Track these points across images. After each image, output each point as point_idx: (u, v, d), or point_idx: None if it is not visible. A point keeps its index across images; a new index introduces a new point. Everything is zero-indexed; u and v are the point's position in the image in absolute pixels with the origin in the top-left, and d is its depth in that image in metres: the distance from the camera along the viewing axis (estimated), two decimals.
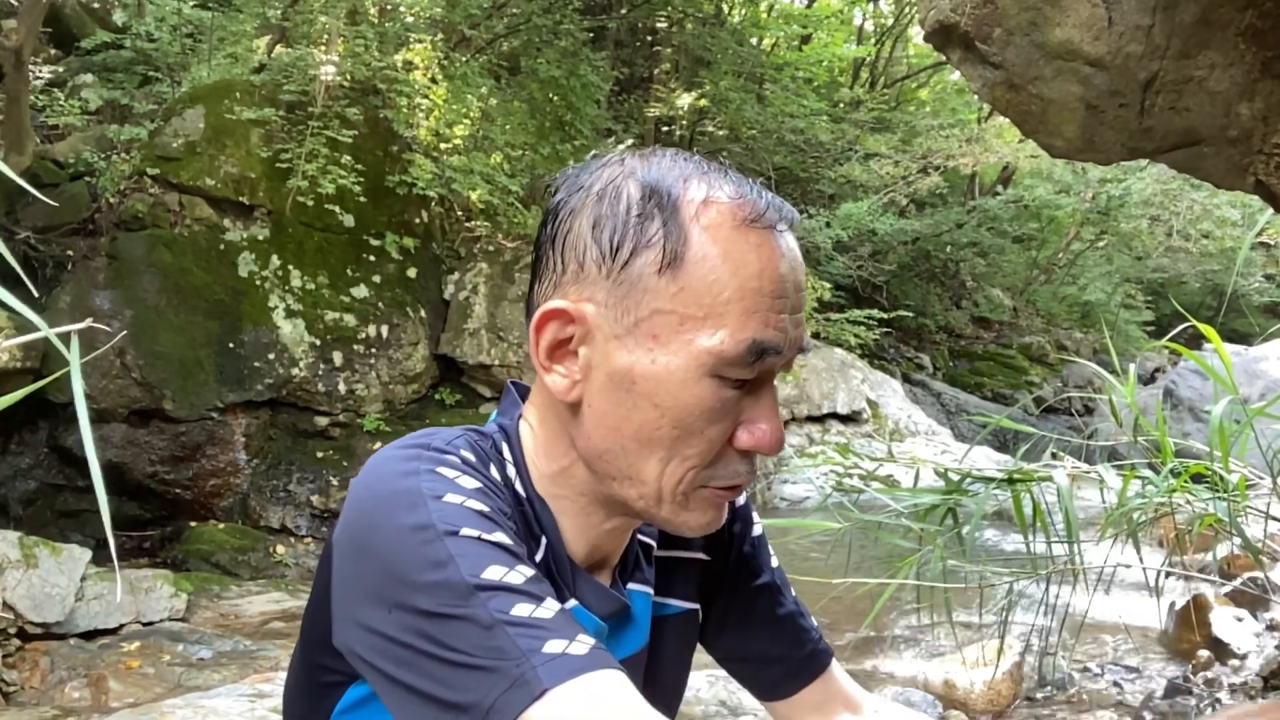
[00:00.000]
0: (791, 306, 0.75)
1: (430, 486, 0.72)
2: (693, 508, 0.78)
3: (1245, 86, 2.25)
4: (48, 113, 6.60)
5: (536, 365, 0.79)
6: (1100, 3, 2.27)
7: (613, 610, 0.84)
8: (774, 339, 0.74)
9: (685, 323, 0.74)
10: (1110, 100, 2.39)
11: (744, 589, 0.98)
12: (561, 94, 8.80)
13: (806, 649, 0.99)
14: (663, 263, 0.74)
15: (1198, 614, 3.70)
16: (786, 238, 0.77)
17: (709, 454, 0.76)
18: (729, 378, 0.74)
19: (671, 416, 0.75)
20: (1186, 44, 2.24)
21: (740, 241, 0.74)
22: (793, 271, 0.76)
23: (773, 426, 0.76)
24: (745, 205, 0.75)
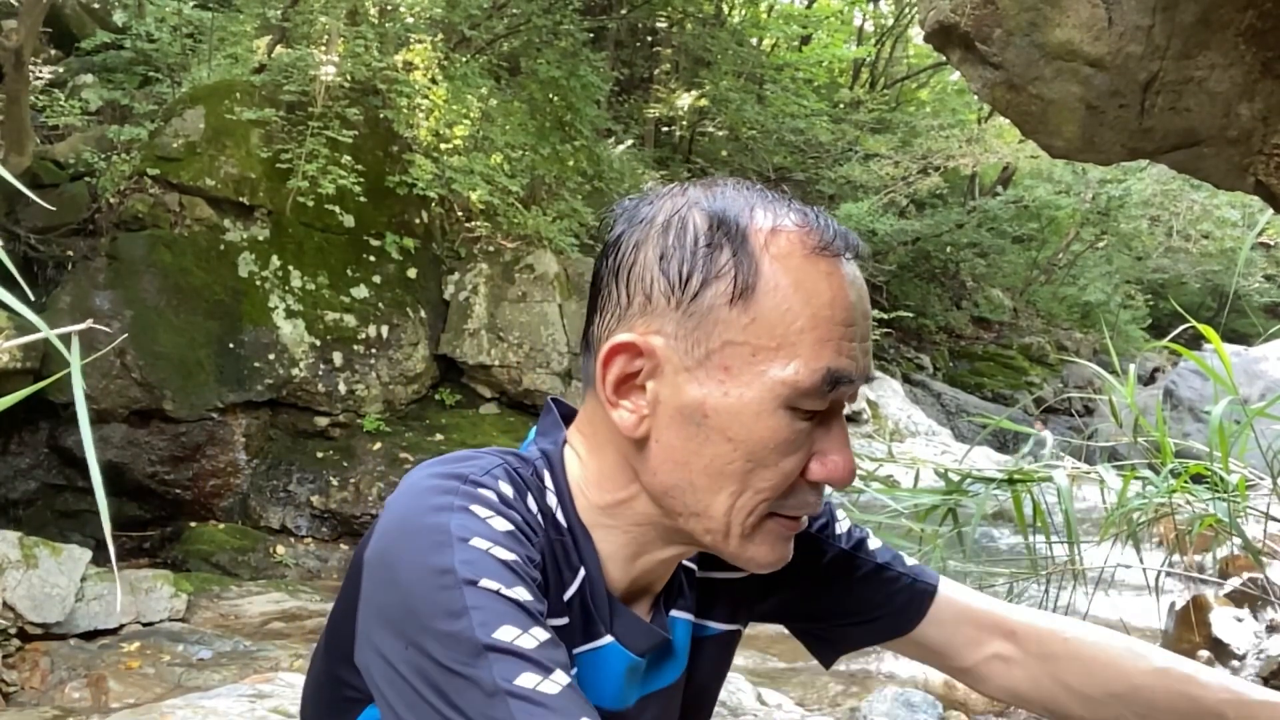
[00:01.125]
0: (861, 335, 0.75)
1: (460, 526, 0.70)
2: (760, 541, 0.77)
3: (1245, 87, 2.25)
4: (48, 113, 6.60)
5: (603, 400, 0.78)
6: (1100, 3, 2.27)
7: (650, 645, 0.83)
8: (847, 367, 0.74)
9: (758, 354, 0.73)
10: (1110, 100, 2.39)
11: (812, 577, 0.96)
12: (561, 94, 8.80)
13: (901, 597, 0.96)
14: (734, 293, 0.73)
15: (1198, 614, 3.69)
16: (852, 266, 0.77)
17: (782, 486, 0.75)
18: (802, 409, 0.74)
19: (745, 450, 0.74)
20: (1186, 44, 2.24)
21: (811, 270, 0.74)
22: (861, 300, 0.76)
23: (845, 458, 0.76)
24: (813, 233, 0.76)
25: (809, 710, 3.73)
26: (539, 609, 0.70)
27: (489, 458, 0.79)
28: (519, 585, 0.69)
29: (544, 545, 0.77)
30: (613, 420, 0.77)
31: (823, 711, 3.74)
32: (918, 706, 3.40)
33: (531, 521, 0.76)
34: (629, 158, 10.17)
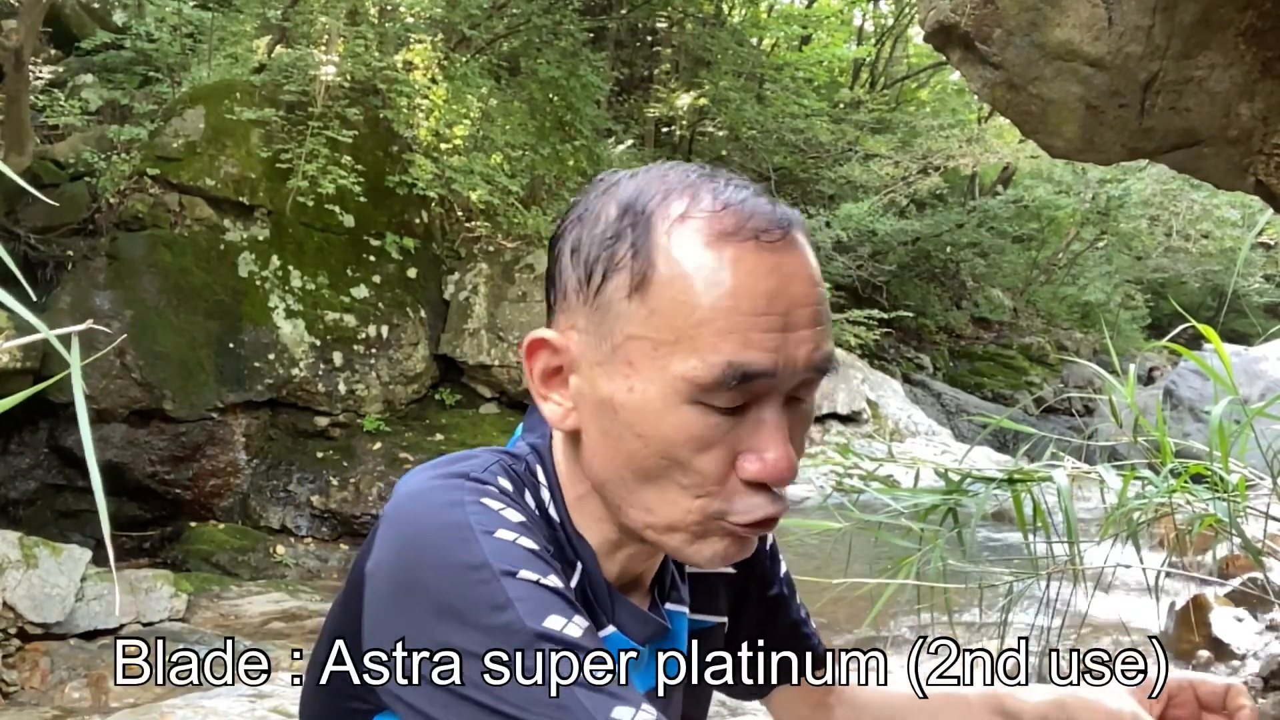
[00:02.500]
0: (785, 324, 0.69)
1: (480, 520, 0.70)
2: (709, 543, 0.74)
3: (1245, 86, 2.25)
4: (48, 113, 6.60)
5: (534, 394, 0.78)
6: (1100, 3, 2.28)
7: (652, 634, 0.82)
8: (757, 360, 0.68)
9: (659, 348, 0.70)
10: (1110, 100, 2.39)
11: (758, 600, 0.98)
12: (561, 94, 8.80)
13: (804, 655, 1.01)
14: (631, 286, 0.71)
15: (1198, 614, 3.69)
16: (782, 250, 0.71)
17: (707, 484, 0.71)
18: (712, 404, 0.69)
19: (655, 446, 0.71)
20: (1186, 44, 2.25)
21: (714, 257, 0.69)
22: (789, 285, 0.70)
23: (779, 455, 0.70)
24: (724, 217, 0.70)
25: None
26: (572, 596, 0.70)
27: (485, 455, 0.79)
28: (552, 574, 0.69)
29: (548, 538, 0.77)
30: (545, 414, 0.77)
31: None
32: None
33: (536, 516, 0.76)
34: (629, 158, 10.17)
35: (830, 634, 4.50)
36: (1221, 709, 0.82)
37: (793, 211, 0.75)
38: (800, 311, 0.70)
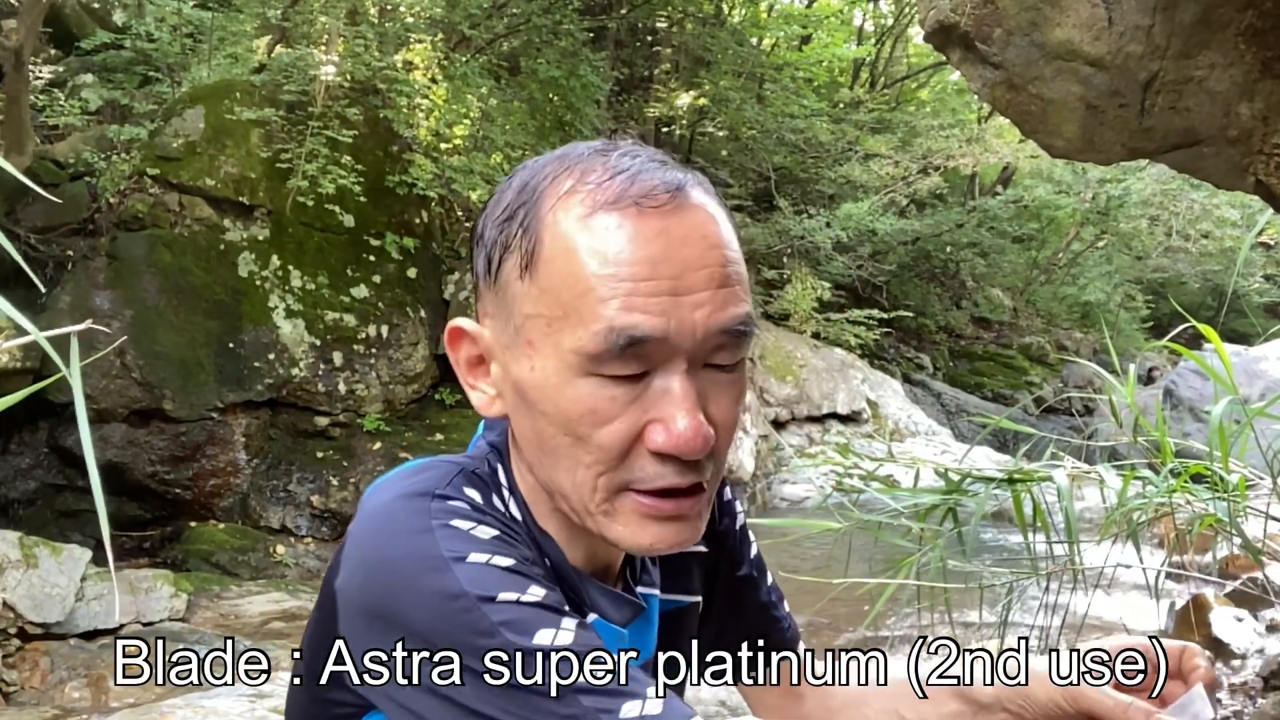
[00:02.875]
0: (675, 288, 0.68)
1: (449, 546, 0.68)
2: (621, 521, 0.72)
3: (1245, 86, 2.25)
4: (48, 113, 6.60)
5: (462, 383, 0.78)
6: (1100, 3, 2.28)
7: (631, 615, 0.82)
8: (642, 324, 0.67)
9: (552, 324, 0.69)
10: (1110, 100, 2.39)
11: (727, 579, 0.98)
12: (561, 94, 8.80)
13: (774, 638, 0.99)
14: (522, 266, 0.71)
15: (1198, 614, 3.69)
16: (670, 214, 0.69)
17: (609, 458, 0.70)
18: (607, 375, 0.68)
19: (559, 424, 0.70)
20: (1186, 44, 2.24)
21: (595, 228, 0.69)
22: (678, 249, 0.68)
23: (686, 424, 0.68)
24: (607, 187, 0.69)
25: None
26: (558, 600, 0.69)
27: (443, 466, 0.77)
28: (532, 585, 0.68)
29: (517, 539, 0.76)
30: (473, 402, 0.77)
31: None
32: None
33: (506, 520, 0.75)
34: None
35: (830, 634, 4.50)
36: (1177, 672, 0.82)
37: (688, 175, 0.73)
38: (695, 274, 0.69)
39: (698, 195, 0.72)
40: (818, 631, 4.56)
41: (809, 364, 9.59)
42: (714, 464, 0.73)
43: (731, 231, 0.74)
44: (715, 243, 0.71)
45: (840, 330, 10.69)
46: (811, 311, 10.49)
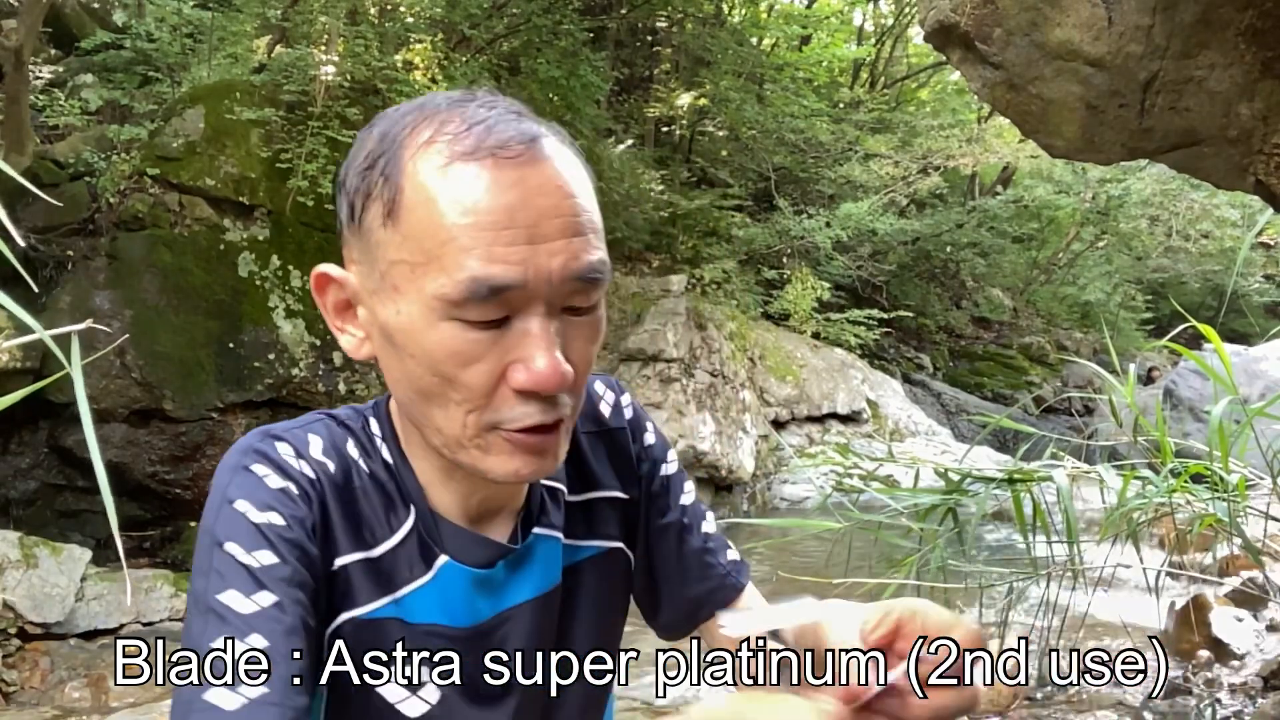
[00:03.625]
0: (531, 236, 0.71)
1: (235, 487, 0.77)
2: (493, 452, 0.76)
3: (1245, 86, 2.25)
4: (48, 113, 6.60)
5: (331, 328, 0.82)
6: (1100, 3, 2.28)
7: (487, 558, 0.85)
8: (501, 274, 0.71)
9: (415, 270, 0.73)
10: (1110, 100, 2.39)
11: (653, 528, 0.97)
12: (561, 94, 8.80)
13: (711, 584, 0.98)
14: (385, 213, 0.74)
15: (1198, 614, 3.69)
16: (525, 164, 0.72)
17: (475, 397, 0.74)
18: (469, 320, 0.72)
19: (426, 365, 0.74)
20: (1186, 44, 2.25)
21: (454, 177, 0.72)
22: (533, 198, 0.72)
23: (545, 363, 0.72)
24: (465, 138, 0.73)
25: None
26: (279, 573, 0.74)
27: (312, 416, 0.86)
28: (263, 549, 0.74)
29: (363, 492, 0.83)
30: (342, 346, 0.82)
31: None
32: None
33: (323, 477, 0.81)
34: (629, 157, 10.17)
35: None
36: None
37: (543, 127, 0.77)
38: (550, 223, 0.72)
39: (552, 146, 0.75)
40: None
41: (809, 364, 9.59)
42: (573, 400, 0.78)
43: (586, 183, 0.77)
44: (569, 192, 0.74)
45: (840, 330, 10.69)
46: (811, 311, 10.49)
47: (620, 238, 9.65)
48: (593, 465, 0.95)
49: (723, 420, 7.98)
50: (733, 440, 8.01)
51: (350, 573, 0.82)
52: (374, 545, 0.83)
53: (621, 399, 0.99)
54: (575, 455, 0.94)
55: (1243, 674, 3.41)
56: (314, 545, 0.78)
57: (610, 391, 0.99)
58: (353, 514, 0.83)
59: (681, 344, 8.02)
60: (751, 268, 10.88)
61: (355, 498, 0.83)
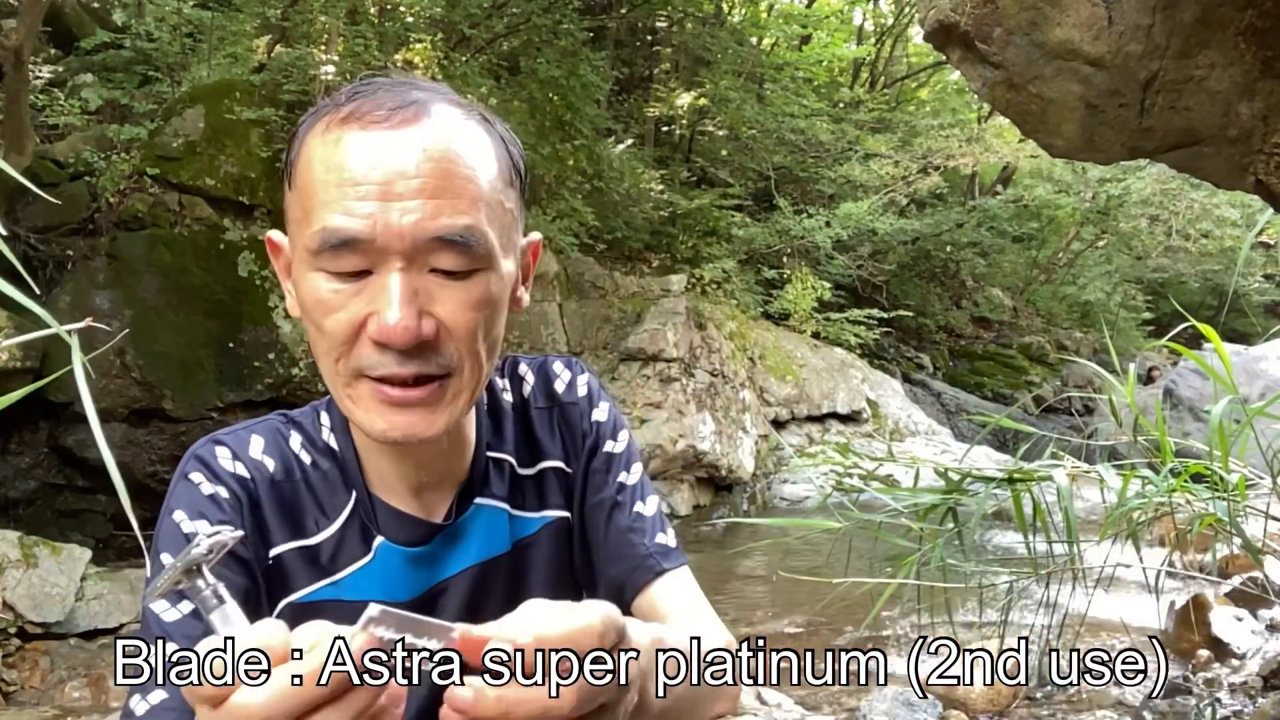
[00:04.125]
0: (384, 194, 0.75)
1: (174, 497, 0.87)
2: (362, 406, 0.80)
3: (1245, 86, 2.25)
4: (48, 113, 6.60)
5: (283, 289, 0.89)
6: (1100, 2, 2.28)
7: (421, 535, 0.89)
8: (348, 226, 0.75)
9: (298, 226, 0.80)
10: (1110, 100, 2.39)
11: (588, 503, 0.99)
12: (561, 94, 8.79)
13: (630, 563, 0.97)
14: (287, 180, 0.83)
15: (1198, 614, 3.69)
16: (394, 129, 0.77)
17: (336, 344, 0.79)
18: (330, 270, 0.77)
19: (306, 315, 0.81)
20: (1186, 44, 2.25)
21: (328, 143, 0.78)
22: (392, 160, 0.76)
23: (392, 316, 0.75)
24: (345, 109, 0.79)
25: (809, 710, 3.73)
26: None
27: (271, 415, 0.94)
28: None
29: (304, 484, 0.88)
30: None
31: (822, 711, 3.74)
32: (918, 706, 3.40)
33: (258, 476, 0.87)
34: (629, 157, 10.16)
35: (830, 633, 4.50)
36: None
37: (429, 99, 0.81)
38: (406, 182, 0.76)
39: (440, 114, 0.80)
40: (817, 631, 4.56)
41: (809, 364, 9.59)
42: (445, 360, 0.80)
43: (476, 150, 0.81)
44: (434, 155, 0.77)
45: (840, 330, 10.68)
46: (811, 311, 10.49)
47: (620, 237, 9.65)
48: (541, 439, 0.98)
49: (723, 420, 7.98)
50: (733, 440, 8.01)
51: (286, 561, 0.87)
52: (313, 533, 0.88)
53: (578, 377, 1.02)
54: (526, 429, 0.98)
55: (1243, 674, 3.41)
56: (245, 545, 0.85)
57: (567, 370, 1.02)
58: (290, 507, 0.88)
59: (681, 344, 8.02)
60: (751, 267, 10.88)
61: (295, 490, 0.88)
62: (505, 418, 0.98)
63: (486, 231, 0.79)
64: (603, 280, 8.85)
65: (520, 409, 0.99)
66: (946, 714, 3.44)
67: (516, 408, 0.99)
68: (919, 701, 3.42)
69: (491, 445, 0.95)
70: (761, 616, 5.02)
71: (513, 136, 0.90)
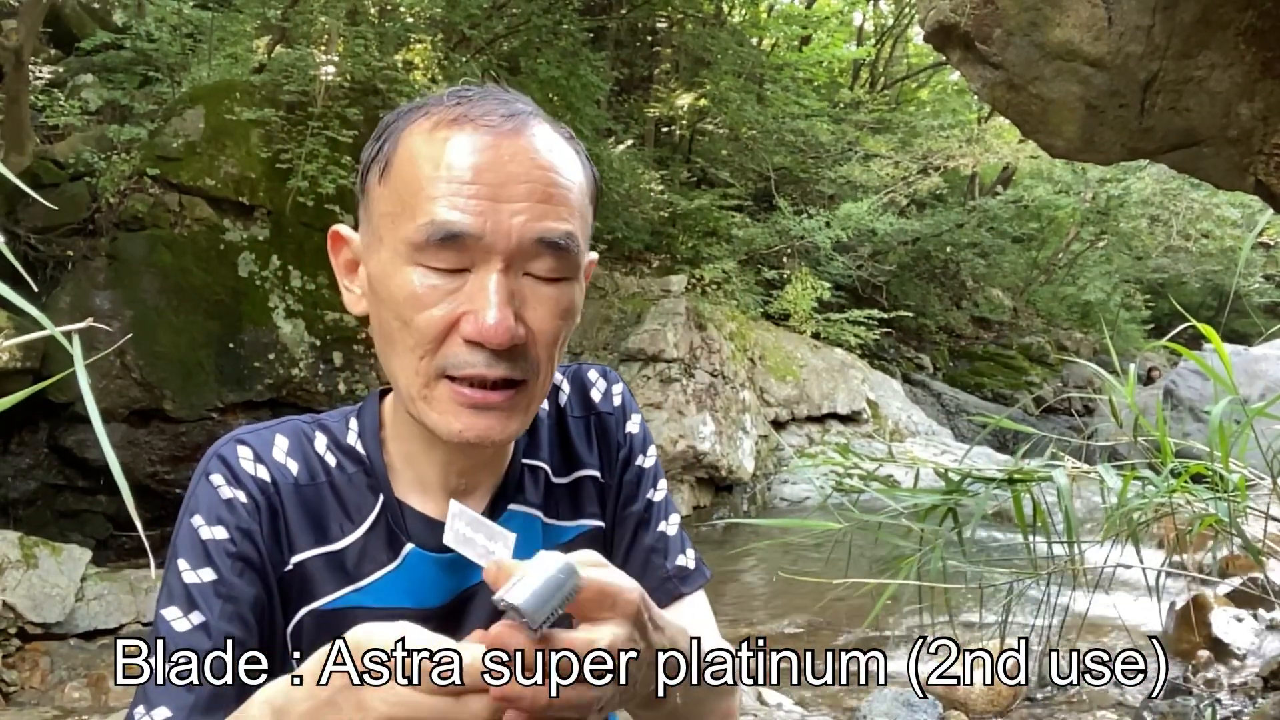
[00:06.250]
0: (495, 195, 0.76)
1: (194, 499, 0.85)
2: (437, 408, 0.80)
3: (1245, 86, 2.25)
4: (48, 113, 6.60)
5: (340, 286, 0.89)
6: (1100, 3, 2.28)
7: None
8: (458, 221, 0.76)
9: (394, 219, 0.79)
10: (1110, 100, 2.39)
11: (618, 515, 0.99)
12: (561, 94, 8.79)
13: (649, 584, 0.93)
14: (380, 174, 0.82)
15: (1198, 614, 3.69)
16: (505, 134, 0.78)
17: (426, 341, 0.78)
18: (430, 265, 0.77)
19: (391, 309, 0.80)
20: (1186, 44, 2.25)
21: (435, 141, 0.79)
22: (505, 163, 0.77)
23: (491, 315, 0.76)
24: (453, 110, 0.80)
25: (809, 710, 3.73)
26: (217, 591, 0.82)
27: (300, 416, 0.92)
28: (205, 567, 0.82)
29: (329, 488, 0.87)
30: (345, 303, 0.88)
31: (822, 711, 3.74)
32: (918, 706, 3.41)
33: (280, 479, 0.86)
34: (629, 157, 10.16)
35: (830, 633, 4.50)
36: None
37: (535, 112, 0.84)
38: (517, 186, 0.77)
39: (537, 125, 0.82)
40: (817, 631, 4.56)
41: (809, 364, 9.59)
42: (528, 365, 0.80)
43: (572, 164, 0.83)
44: (542, 163, 0.79)
45: (840, 330, 10.68)
46: (811, 311, 10.49)
47: (620, 238, 9.65)
48: (578, 447, 0.98)
49: (723, 420, 7.98)
50: (733, 440, 8.01)
51: (309, 568, 0.86)
52: (338, 539, 0.87)
53: (613, 387, 1.02)
54: (563, 438, 0.98)
55: (1243, 674, 3.41)
56: (260, 552, 0.84)
57: (603, 380, 1.02)
58: (314, 511, 0.87)
59: (681, 344, 8.02)
60: (751, 268, 10.88)
61: (319, 494, 0.87)
62: (541, 426, 0.97)
63: (580, 240, 0.81)
64: (603, 281, 8.85)
65: (556, 417, 0.99)
66: (946, 714, 3.44)
67: (553, 416, 0.99)
68: (919, 701, 3.42)
69: (527, 453, 0.95)
70: (761, 617, 5.02)
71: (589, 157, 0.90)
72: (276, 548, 0.86)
